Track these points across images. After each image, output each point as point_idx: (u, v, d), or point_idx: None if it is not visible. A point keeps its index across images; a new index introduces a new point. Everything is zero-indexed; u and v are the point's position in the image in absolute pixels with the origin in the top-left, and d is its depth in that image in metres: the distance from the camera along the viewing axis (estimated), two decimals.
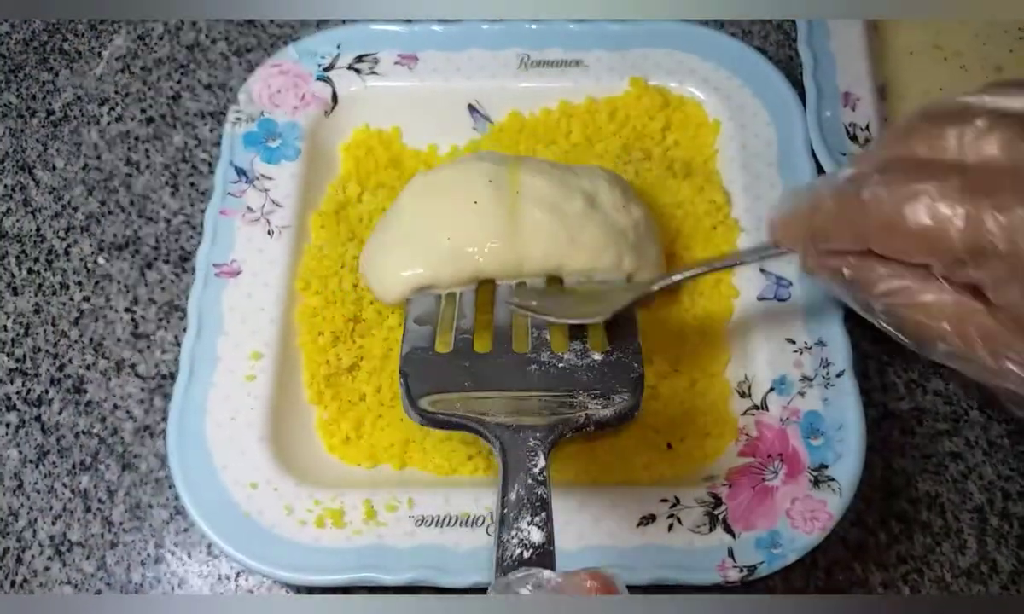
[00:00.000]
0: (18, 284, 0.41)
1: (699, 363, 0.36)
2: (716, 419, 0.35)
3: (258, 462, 0.33)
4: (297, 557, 0.31)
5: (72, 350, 0.39)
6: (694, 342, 0.37)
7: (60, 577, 0.35)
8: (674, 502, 0.32)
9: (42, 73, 0.47)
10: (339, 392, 0.36)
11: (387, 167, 0.41)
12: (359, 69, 0.42)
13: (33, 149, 0.45)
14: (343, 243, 0.38)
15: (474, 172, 0.35)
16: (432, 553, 0.31)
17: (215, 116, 0.45)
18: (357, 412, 0.36)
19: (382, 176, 0.40)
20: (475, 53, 0.42)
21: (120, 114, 0.45)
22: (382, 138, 0.41)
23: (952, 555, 0.35)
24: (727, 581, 0.31)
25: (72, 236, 0.42)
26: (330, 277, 0.37)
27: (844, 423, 0.33)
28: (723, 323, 0.37)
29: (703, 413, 0.35)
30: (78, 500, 0.36)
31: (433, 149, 0.41)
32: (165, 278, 0.41)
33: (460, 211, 0.34)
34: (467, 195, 0.34)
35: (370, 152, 0.41)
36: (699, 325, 0.37)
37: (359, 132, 0.41)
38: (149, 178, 0.44)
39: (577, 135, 0.40)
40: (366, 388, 0.36)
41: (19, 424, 0.38)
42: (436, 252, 0.34)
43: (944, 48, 0.45)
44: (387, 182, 0.40)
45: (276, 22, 0.48)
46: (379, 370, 0.36)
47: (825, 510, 0.32)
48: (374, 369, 0.36)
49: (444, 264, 0.33)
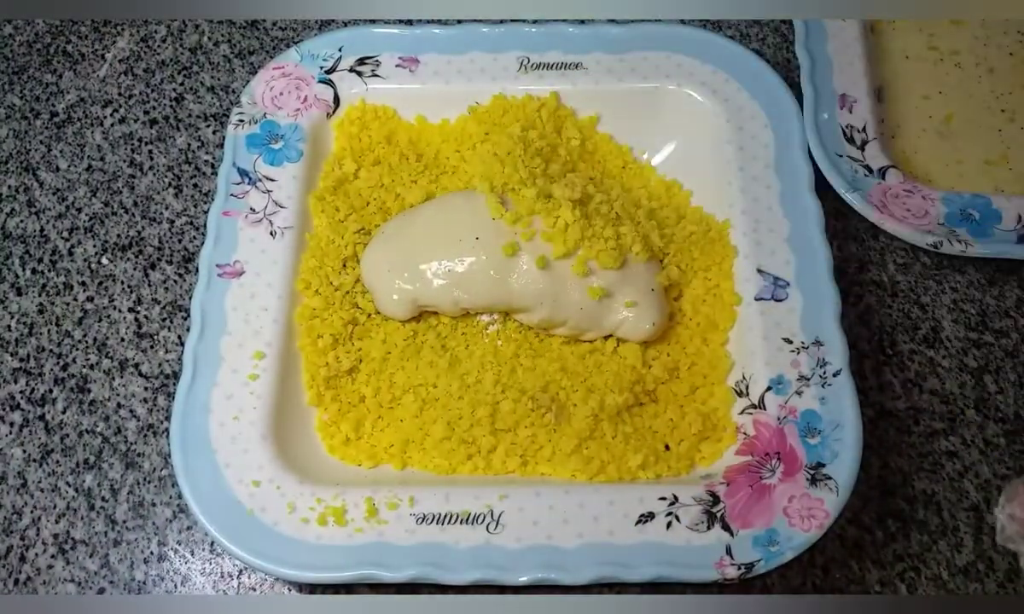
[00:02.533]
0: (22, 284, 0.41)
1: (700, 370, 0.37)
2: (715, 425, 0.35)
3: (261, 461, 0.33)
4: (299, 555, 0.31)
5: (76, 350, 0.40)
6: (696, 346, 0.37)
7: (64, 575, 0.35)
8: (672, 500, 0.32)
9: (46, 75, 0.47)
10: (339, 394, 0.36)
11: (382, 143, 0.41)
12: (361, 72, 0.42)
13: (37, 150, 0.45)
14: (343, 221, 0.39)
15: (481, 208, 0.36)
16: (433, 551, 0.31)
17: (218, 118, 0.45)
18: (357, 414, 0.36)
19: (378, 152, 0.41)
20: (475, 56, 0.42)
21: (124, 116, 0.46)
22: (377, 113, 0.42)
23: (948, 553, 0.35)
24: (725, 579, 0.31)
25: (76, 237, 0.42)
26: (332, 275, 0.37)
27: (841, 422, 0.33)
28: (725, 331, 0.37)
29: (702, 417, 0.35)
30: (82, 498, 0.37)
31: (422, 119, 0.42)
32: (168, 278, 0.41)
33: (460, 249, 0.36)
34: (471, 229, 0.36)
35: (364, 128, 0.41)
36: (701, 333, 0.37)
37: (353, 109, 0.41)
38: (152, 179, 0.44)
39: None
40: (365, 390, 0.36)
41: (23, 423, 0.38)
42: (431, 289, 0.36)
43: (940, 50, 0.46)
44: (384, 158, 0.41)
45: (279, 25, 0.48)
46: (378, 372, 0.36)
47: (822, 508, 0.32)
48: (373, 371, 0.36)
49: (437, 298, 0.36)
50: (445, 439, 0.35)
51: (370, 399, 0.36)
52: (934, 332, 0.40)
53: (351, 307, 0.37)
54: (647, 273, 0.37)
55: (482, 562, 0.31)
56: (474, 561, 0.31)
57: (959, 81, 0.45)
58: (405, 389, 0.36)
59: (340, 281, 0.38)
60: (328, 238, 0.38)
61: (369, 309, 0.38)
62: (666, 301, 0.38)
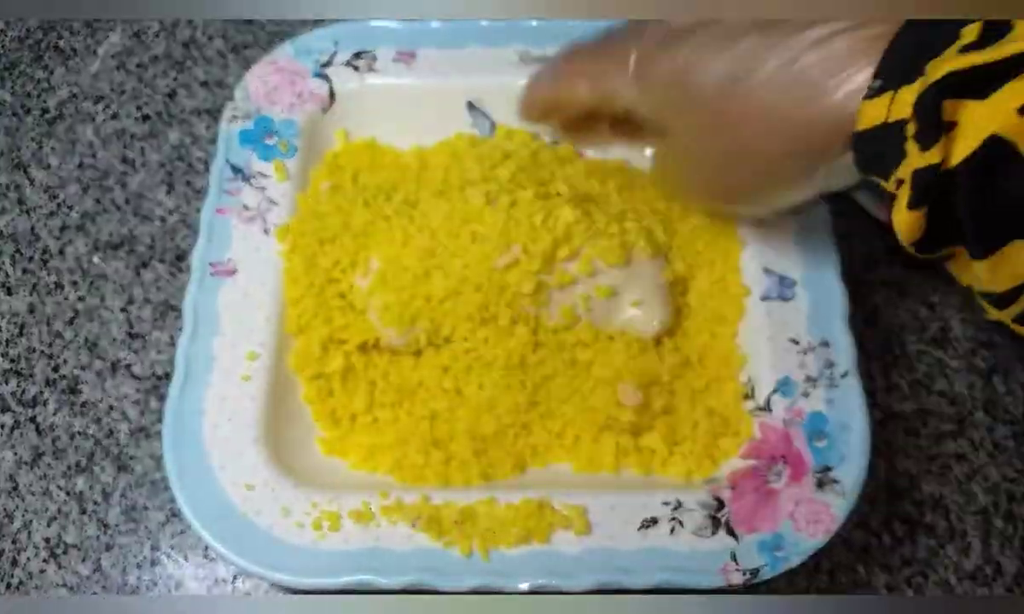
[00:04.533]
0: (12, 284, 0.41)
1: (710, 365, 0.36)
2: (727, 419, 0.34)
3: (255, 463, 0.33)
4: (294, 560, 0.31)
5: (67, 350, 0.39)
6: (704, 340, 0.36)
7: (55, 580, 0.35)
8: (676, 505, 0.32)
9: (37, 71, 0.46)
10: (333, 401, 0.35)
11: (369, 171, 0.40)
12: (357, 66, 0.41)
13: (28, 147, 0.44)
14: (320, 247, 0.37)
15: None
16: (430, 556, 0.31)
17: (211, 113, 0.45)
18: (351, 419, 0.35)
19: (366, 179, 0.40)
20: (474, 50, 0.41)
21: (115, 112, 0.45)
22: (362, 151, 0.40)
23: (956, 557, 0.35)
24: (730, 584, 0.30)
25: (67, 235, 0.42)
26: (324, 285, 0.36)
27: (848, 425, 0.33)
28: (734, 323, 0.36)
29: (715, 413, 0.35)
30: (73, 502, 0.36)
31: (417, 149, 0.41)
32: (161, 277, 0.41)
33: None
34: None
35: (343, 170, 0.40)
36: (709, 327, 0.36)
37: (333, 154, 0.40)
38: (145, 176, 0.43)
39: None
40: (358, 398, 0.35)
41: (14, 425, 0.38)
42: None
43: None
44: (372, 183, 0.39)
45: (273, 19, 0.47)
46: (376, 376, 0.36)
47: (829, 512, 0.31)
48: (370, 378, 0.36)
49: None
50: (444, 442, 0.34)
51: (364, 404, 0.35)
52: (943, 332, 0.39)
53: (340, 314, 0.36)
54: (653, 269, 0.36)
55: (481, 568, 0.31)
56: (473, 567, 0.31)
57: None
58: (402, 390, 0.35)
59: (329, 286, 0.36)
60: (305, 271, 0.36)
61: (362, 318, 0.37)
62: (672, 297, 0.37)
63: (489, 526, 0.31)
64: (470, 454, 0.34)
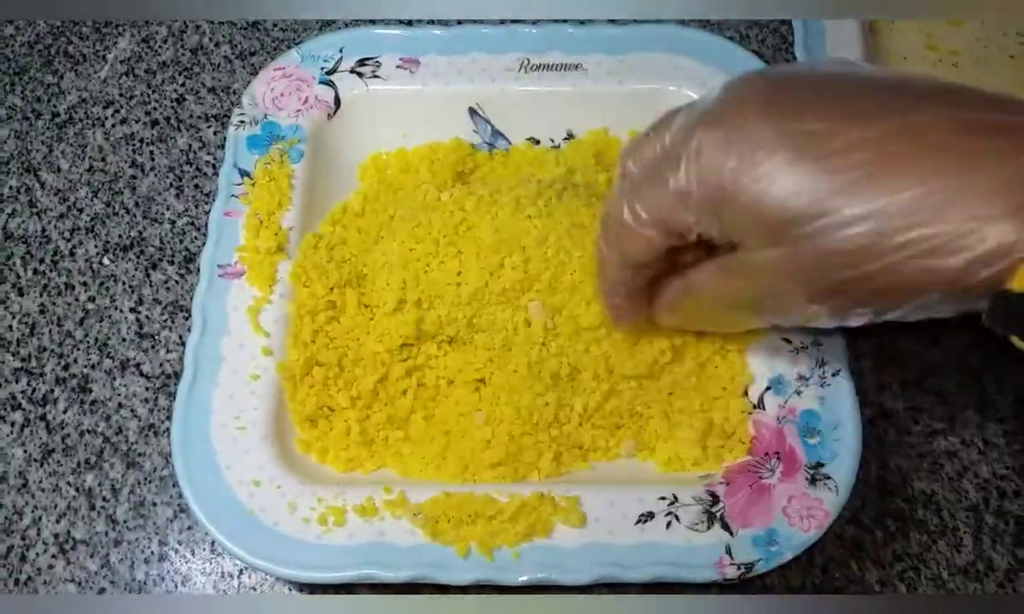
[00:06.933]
0: (24, 285, 0.41)
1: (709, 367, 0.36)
2: (728, 418, 0.35)
3: (261, 461, 0.33)
4: (299, 554, 0.32)
5: (77, 350, 0.40)
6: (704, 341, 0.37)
7: (64, 575, 0.35)
8: (672, 500, 0.32)
9: (47, 76, 0.47)
10: (329, 414, 0.36)
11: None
12: (361, 73, 0.42)
13: (38, 151, 0.45)
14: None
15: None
16: (433, 551, 0.31)
17: (219, 119, 0.45)
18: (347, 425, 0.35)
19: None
20: (476, 57, 0.42)
21: (125, 117, 0.46)
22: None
23: (948, 553, 0.35)
24: (725, 579, 0.31)
25: (77, 237, 0.43)
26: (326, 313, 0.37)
27: (840, 422, 0.33)
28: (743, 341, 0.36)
29: (708, 412, 0.35)
30: (82, 498, 0.37)
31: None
32: (170, 279, 0.41)
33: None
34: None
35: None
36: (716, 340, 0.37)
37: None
38: (154, 180, 0.44)
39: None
40: (352, 408, 0.36)
41: (24, 423, 0.38)
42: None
43: (939, 50, 0.46)
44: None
45: (279, 26, 0.48)
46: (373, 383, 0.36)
47: (822, 508, 0.32)
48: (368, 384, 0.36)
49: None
50: (448, 438, 0.35)
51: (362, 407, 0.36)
52: (934, 331, 0.40)
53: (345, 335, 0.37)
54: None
55: (482, 562, 0.31)
56: (474, 561, 0.31)
57: (957, 80, 0.45)
58: (407, 387, 0.36)
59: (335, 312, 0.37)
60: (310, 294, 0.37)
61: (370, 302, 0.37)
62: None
63: (490, 522, 0.32)
64: (487, 460, 0.34)
